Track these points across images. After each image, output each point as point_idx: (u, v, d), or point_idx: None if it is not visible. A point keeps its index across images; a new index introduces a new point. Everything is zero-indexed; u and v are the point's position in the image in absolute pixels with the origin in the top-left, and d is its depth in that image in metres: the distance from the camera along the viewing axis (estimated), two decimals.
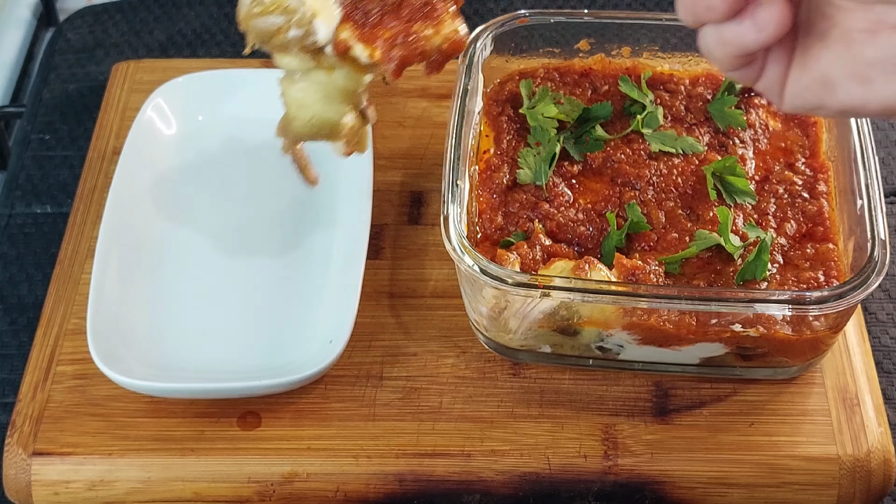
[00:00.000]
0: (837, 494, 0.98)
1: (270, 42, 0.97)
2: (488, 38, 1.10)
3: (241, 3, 0.98)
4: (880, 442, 0.99)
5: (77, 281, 1.09)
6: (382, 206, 1.15)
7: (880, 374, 1.07)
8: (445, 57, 0.96)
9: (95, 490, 0.99)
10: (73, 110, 1.33)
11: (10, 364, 1.11)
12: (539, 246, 0.98)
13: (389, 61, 0.93)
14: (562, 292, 0.93)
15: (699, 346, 0.98)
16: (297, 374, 0.99)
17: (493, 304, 0.96)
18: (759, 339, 0.96)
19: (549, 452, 0.99)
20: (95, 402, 1.02)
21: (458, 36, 0.95)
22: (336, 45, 0.94)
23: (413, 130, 1.21)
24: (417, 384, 1.03)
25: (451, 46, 0.95)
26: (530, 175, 1.05)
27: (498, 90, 1.12)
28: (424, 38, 0.94)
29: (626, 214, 1.01)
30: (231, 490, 0.99)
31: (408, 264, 1.11)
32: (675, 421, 1.00)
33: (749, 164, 1.05)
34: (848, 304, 0.92)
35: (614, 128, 1.08)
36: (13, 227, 1.22)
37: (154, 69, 1.28)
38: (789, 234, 1.00)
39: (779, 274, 0.97)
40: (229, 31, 1.44)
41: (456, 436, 1.00)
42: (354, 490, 0.99)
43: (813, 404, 1.01)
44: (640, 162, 1.05)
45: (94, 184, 1.17)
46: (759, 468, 0.98)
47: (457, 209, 0.97)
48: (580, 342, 0.99)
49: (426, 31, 0.94)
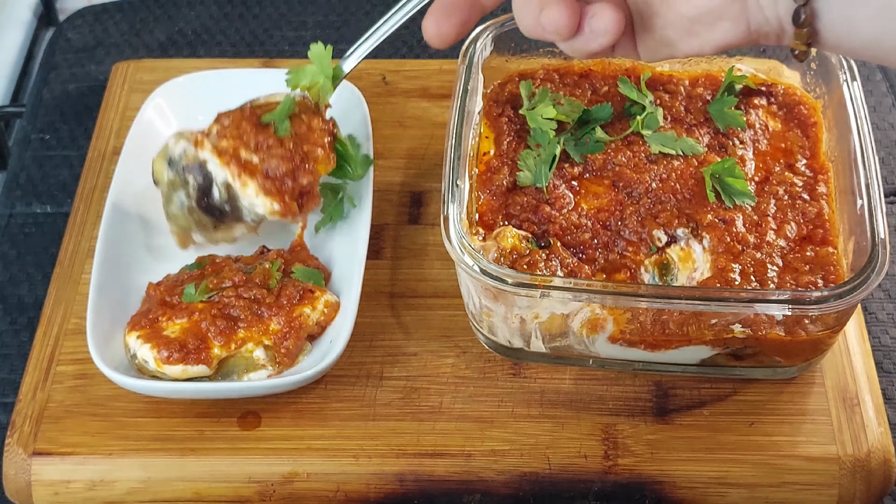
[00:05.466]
0: (837, 494, 0.98)
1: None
2: (488, 39, 1.10)
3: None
4: (880, 442, 0.99)
5: (77, 281, 1.09)
6: (382, 206, 1.15)
7: (880, 374, 1.07)
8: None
9: (95, 490, 0.99)
10: (73, 110, 1.33)
11: (10, 364, 1.11)
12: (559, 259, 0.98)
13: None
14: (561, 292, 0.93)
15: (682, 350, 0.98)
16: (297, 374, 0.99)
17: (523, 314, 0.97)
18: (746, 339, 0.96)
19: (549, 452, 0.99)
20: (95, 402, 1.02)
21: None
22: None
23: (413, 130, 1.21)
24: (417, 384, 1.03)
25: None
26: (530, 177, 1.05)
27: (498, 91, 1.12)
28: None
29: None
30: (231, 490, 0.99)
31: (408, 264, 1.11)
32: (676, 421, 1.00)
33: (749, 165, 1.05)
34: (848, 304, 0.92)
35: (614, 129, 1.08)
36: (13, 227, 1.22)
37: (154, 69, 1.28)
38: (789, 237, 1.00)
39: (778, 277, 0.97)
40: (229, 31, 1.44)
41: (456, 436, 1.00)
42: (354, 490, 0.99)
43: (813, 404, 1.01)
44: (641, 165, 1.05)
45: (94, 184, 1.17)
46: (759, 468, 0.98)
47: (457, 209, 0.97)
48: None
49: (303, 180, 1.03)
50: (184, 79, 1.20)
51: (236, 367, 1.01)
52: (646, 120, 1.08)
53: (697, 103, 1.10)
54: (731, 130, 1.08)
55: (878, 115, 1.33)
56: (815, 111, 1.09)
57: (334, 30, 1.44)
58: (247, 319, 1.01)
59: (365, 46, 1.03)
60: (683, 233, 1.01)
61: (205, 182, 1.03)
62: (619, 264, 0.99)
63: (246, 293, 1.02)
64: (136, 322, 1.01)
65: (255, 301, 1.02)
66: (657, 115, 1.08)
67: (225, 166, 1.01)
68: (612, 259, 0.99)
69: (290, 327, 1.01)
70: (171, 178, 1.04)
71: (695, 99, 1.10)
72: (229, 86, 1.20)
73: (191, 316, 1.01)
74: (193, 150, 1.03)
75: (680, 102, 1.10)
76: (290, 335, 1.01)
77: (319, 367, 0.99)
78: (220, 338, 0.99)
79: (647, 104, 1.09)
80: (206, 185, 1.03)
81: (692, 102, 1.10)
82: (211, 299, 1.02)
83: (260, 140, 1.01)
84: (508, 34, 1.11)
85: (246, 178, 1.01)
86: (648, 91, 1.10)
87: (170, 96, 1.18)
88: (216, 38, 1.43)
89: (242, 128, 1.03)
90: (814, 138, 1.08)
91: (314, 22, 1.45)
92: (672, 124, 1.08)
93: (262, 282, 1.03)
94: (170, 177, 1.04)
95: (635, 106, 1.10)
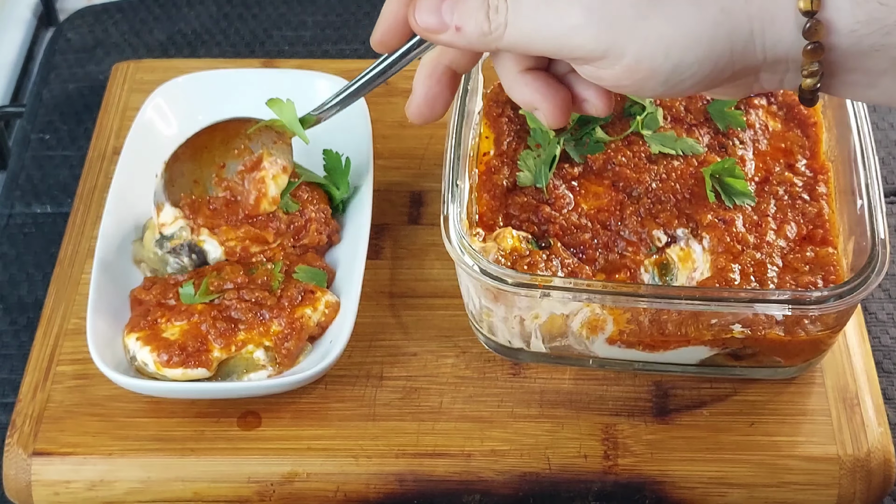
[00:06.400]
0: (837, 494, 0.98)
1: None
2: None
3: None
4: (880, 442, 0.99)
5: (77, 281, 1.09)
6: (382, 206, 1.15)
7: (880, 374, 1.07)
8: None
9: (95, 490, 0.99)
10: (73, 110, 1.33)
11: (10, 364, 1.11)
12: (559, 260, 0.98)
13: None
14: (561, 292, 0.93)
15: (681, 351, 0.98)
16: (297, 374, 0.99)
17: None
18: (745, 339, 0.96)
19: (549, 452, 0.99)
20: (95, 402, 1.02)
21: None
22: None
23: (413, 130, 1.21)
24: (417, 384, 1.03)
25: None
26: (531, 177, 1.05)
27: (498, 91, 1.12)
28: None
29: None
30: (231, 490, 0.99)
31: (408, 264, 1.11)
32: (676, 421, 1.00)
33: (749, 165, 1.05)
34: (848, 304, 0.92)
35: (614, 129, 1.08)
36: (13, 227, 1.22)
37: (154, 69, 1.28)
38: (789, 237, 1.00)
39: (777, 277, 0.97)
40: (229, 31, 1.44)
41: (456, 436, 1.00)
42: (354, 490, 0.99)
43: (813, 404, 1.01)
44: (641, 166, 1.05)
45: (94, 184, 1.17)
46: (759, 468, 0.98)
47: (457, 209, 0.97)
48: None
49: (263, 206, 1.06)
50: (184, 79, 1.20)
51: (236, 367, 1.01)
52: (646, 120, 1.08)
53: (697, 103, 1.10)
54: (731, 130, 1.08)
55: (878, 115, 1.33)
56: (815, 111, 1.09)
57: (334, 30, 1.44)
58: (248, 321, 1.01)
59: (338, 100, 1.01)
60: (683, 233, 1.01)
61: (199, 258, 1.06)
62: (619, 264, 0.99)
63: (248, 295, 1.02)
64: (136, 323, 1.01)
65: (257, 303, 1.02)
66: (657, 115, 1.08)
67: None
68: (611, 259, 0.99)
69: (292, 328, 1.01)
70: (160, 256, 1.06)
71: (695, 99, 1.10)
72: (229, 86, 1.20)
73: (191, 318, 1.00)
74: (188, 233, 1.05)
75: (680, 102, 1.10)
76: (291, 336, 1.01)
77: (319, 367, 0.99)
78: (221, 340, 0.99)
79: (647, 104, 1.09)
80: (200, 261, 1.06)
81: (692, 102, 1.10)
82: (212, 301, 1.02)
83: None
84: None
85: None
86: None
87: (170, 96, 1.18)
88: (216, 38, 1.43)
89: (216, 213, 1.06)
90: (814, 138, 1.08)
91: (314, 22, 1.45)
92: (672, 124, 1.08)
93: (265, 283, 1.03)
94: (158, 255, 1.06)
95: (635, 106, 1.09)
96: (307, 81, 1.19)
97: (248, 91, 1.20)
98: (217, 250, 1.05)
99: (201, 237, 1.05)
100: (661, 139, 1.06)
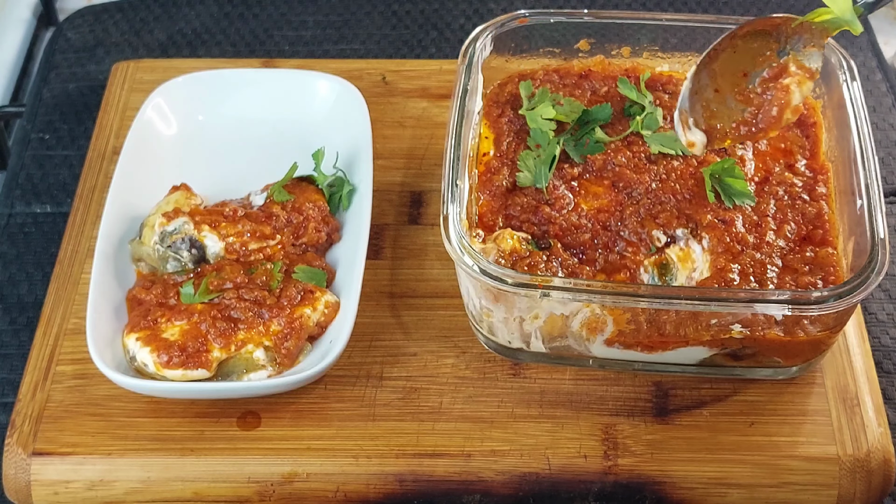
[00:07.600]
0: (837, 494, 0.98)
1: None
2: (488, 39, 1.10)
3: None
4: (880, 442, 0.99)
5: (77, 281, 1.09)
6: (382, 206, 1.15)
7: (880, 374, 1.07)
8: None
9: (95, 490, 0.99)
10: (73, 110, 1.33)
11: (10, 364, 1.11)
12: (559, 260, 0.98)
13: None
14: (561, 292, 0.93)
15: (681, 351, 0.98)
16: (296, 374, 0.99)
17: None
18: (744, 340, 0.96)
19: (549, 452, 0.99)
20: (95, 402, 1.02)
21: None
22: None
23: (413, 130, 1.21)
24: (417, 384, 1.03)
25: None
26: (530, 178, 1.05)
27: (498, 92, 1.12)
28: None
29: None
30: (231, 490, 0.99)
31: (408, 264, 1.11)
32: (675, 421, 1.00)
33: (749, 166, 1.05)
34: (847, 304, 0.92)
35: (614, 129, 1.08)
36: (13, 227, 1.22)
37: (154, 69, 1.28)
38: (789, 237, 1.00)
39: (777, 277, 0.97)
40: (229, 31, 1.44)
41: (456, 436, 1.00)
42: (354, 490, 0.99)
43: (813, 404, 1.01)
44: (640, 166, 1.05)
45: (94, 184, 1.17)
46: (759, 468, 0.98)
47: (456, 209, 0.97)
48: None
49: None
50: (184, 79, 1.20)
51: (236, 367, 1.01)
52: (645, 120, 1.08)
53: None
54: None
55: (878, 115, 1.33)
56: (814, 111, 1.09)
57: (334, 30, 1.44)
58: (247, 321, 1.01)
59: None
60: (683, 233, 1.01)
61: (199, 253, 1.06)
62: (618, 265, 0.99)
63: (247, 295, 1.02)
64: (136, 324, 1.01)
65: (257, 303, 1.02)
66: (657, 115, 1.08)
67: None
68: (611, 260, 0.99)
69: (291, 328, 1.01)
70: (161, 253, 1.06)
71: None
72: (229, 86, 1.20)
73: (190, 317, 1.01)
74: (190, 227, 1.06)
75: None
76: (290, 336, 1.01)
77: (319, 367, 0.99)
78: (220, 339, 0.99)
79: (646, 104, 1.09)
80: (200, 256, 1.06)
81: None
82: (212, 301, 1.02)
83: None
84: (508, 34, 1.11)
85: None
86: (648, 91, 1.10)
87: (170, 96, 1.18)
88: (216, 38, 1.43)
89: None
90: (813, 138, 1.08)
91: (314, 22, 1.45)
92: (672, 124, 1.08)
93: (264, 283, 1.03)
94: (160, 253, 1.06)
95: (635, 106, 1.09)
96: (307, 81, 1.19)
97: (248, 91, 1.20)
98: (217, 245, 1.05)
99: (202, 233, 1.05)
100: (660, 139, 1.06)
